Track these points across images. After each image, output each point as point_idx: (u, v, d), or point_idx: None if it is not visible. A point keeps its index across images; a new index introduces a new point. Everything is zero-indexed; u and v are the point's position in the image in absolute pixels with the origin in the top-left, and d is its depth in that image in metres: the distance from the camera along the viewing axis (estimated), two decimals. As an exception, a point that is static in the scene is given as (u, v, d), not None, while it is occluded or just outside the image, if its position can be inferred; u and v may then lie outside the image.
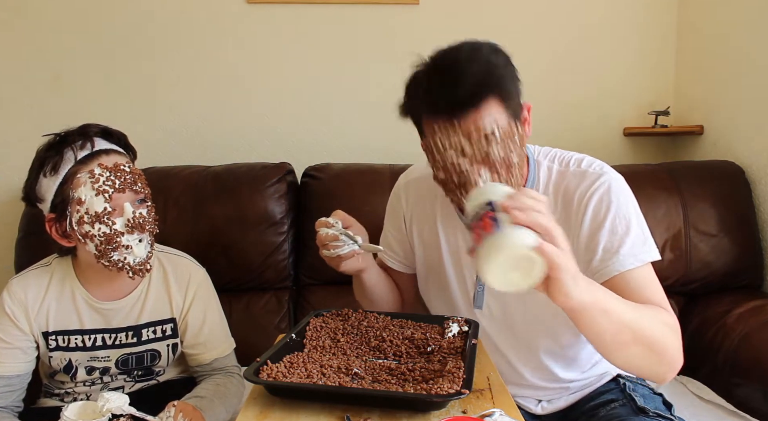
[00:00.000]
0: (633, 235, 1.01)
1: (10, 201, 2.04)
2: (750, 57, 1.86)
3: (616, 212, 1.01)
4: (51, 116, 2.05)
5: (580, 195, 1.04)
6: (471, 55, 0.95)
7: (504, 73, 0.96)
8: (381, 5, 2.12)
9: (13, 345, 1.18)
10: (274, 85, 2.13)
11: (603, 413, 1.12)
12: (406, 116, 1.05)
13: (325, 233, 1.03)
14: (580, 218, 1.03)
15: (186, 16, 2.08)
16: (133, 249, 1.12)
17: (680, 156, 2.18)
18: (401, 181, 1.27)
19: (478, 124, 0.94)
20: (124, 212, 1.11)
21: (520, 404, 1.20)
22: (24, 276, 1.23)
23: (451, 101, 0.94)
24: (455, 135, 0.95)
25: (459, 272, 1.17)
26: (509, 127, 0.96)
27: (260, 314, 1.78)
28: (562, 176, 1.07)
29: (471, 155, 0.95)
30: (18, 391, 1.21)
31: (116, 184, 1.10)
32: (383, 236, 1.30)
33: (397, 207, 1.26)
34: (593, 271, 1.01)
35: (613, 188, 1.03)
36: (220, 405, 1.20)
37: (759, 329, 1.54)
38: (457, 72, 0.93)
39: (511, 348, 1.17)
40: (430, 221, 1.19)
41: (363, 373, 0.90)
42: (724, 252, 1.76)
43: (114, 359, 1.23)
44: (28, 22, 2.04)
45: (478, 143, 0.94)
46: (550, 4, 2.14)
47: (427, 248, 1.21)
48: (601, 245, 1.01)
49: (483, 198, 0.79)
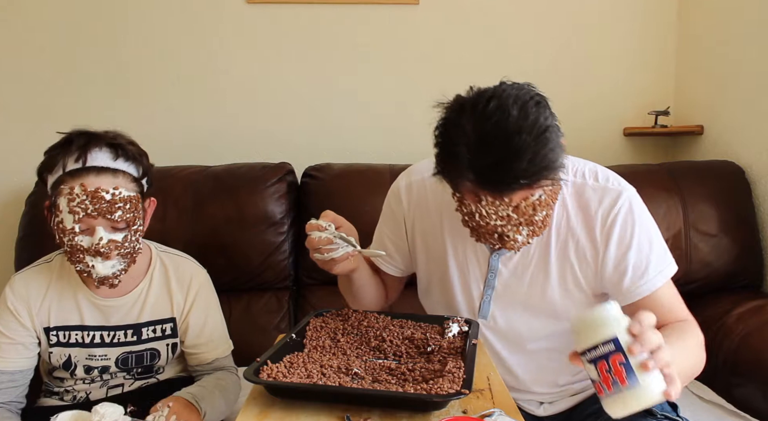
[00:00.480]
0: (656, 250, 1.04)
1: (10, 201, 2.04)
2: (750, 57, 1.86)
3: (640, 230, 1.03)
4: (51, 117, 2.05)
5: (603, 214, 1.04)
6: (518, 121, 0.86)
7: (555, 145, 0.88)
8: (381, 5, 2.12)
9: (15, 341, 1.19)
10: (274, 85, 2.13)
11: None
12: (440, 175, 0.96)
13: (317, 236, 1.01)
14: (605, 239, 1.04)
15: (186, 16, 2.08)
16: (95, 267, 1.10)
17: (680, 156, 2.19)
18: (401, 181, 1.21)
19: (528, 198, 0.92)
20: (94, 233, 1.09)
21: (522, 406, 1.20)
22: (26, 272, 1.24)
23: (504, 183, 0.89)
24: (503, 208, 0.92)
25: (465, 284, 1.15)
26: (554, 188, 0.96)
27: (260, 314, 1.78)
28: (581, 189, 1.07)
29: (517, 222, 0.94)
30: (21, 386, 1.21)
31: (89, 209, 1.07)
32: (378, 238, 1.26)
33: (397, 210, 1.21)
34: (624, 292, 1.04)
35: (634, 207, 1.04)
36: (220, 397, 1.21)
37: (759, 329, 1.54)
38: (509, 150, 0.85)
39: (513, 357, 1.16)
40: (435, 231, 1.16)
41: (363, 373, 0.90)
42: (724, 252, 1.76)
43: (114, 358, 1.23)
44: (28, 22, 2.04)
45: (525, 213, 0.93)
46: (550, 4, 2.14)
47: (432, 258, 1.19)
48: (630, 265, 1.03)
49: (607, 332, 0.75)
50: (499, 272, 1.11)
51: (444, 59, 2.14)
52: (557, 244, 1.07)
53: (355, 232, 1.08)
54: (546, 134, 0.87)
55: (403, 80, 2.15)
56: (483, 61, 2.11)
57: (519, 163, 0.85)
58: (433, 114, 0.96)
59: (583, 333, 0.77)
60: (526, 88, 0.92)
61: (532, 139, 0.85)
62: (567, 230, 1.07)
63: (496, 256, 1.11)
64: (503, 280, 1.11)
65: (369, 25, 2.12)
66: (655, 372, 0.73)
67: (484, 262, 1.12)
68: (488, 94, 0.89)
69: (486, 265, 1.12)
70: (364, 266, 1.19)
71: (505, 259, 1.11)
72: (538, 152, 0.86)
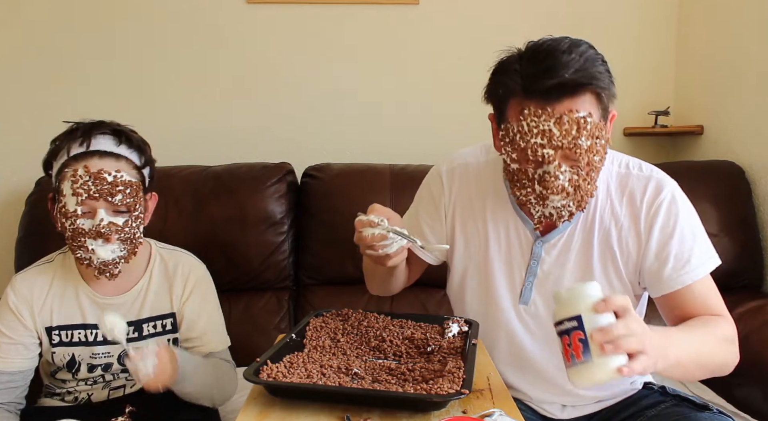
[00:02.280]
0: (699, 241, 1.05)
1: (10, 201, 2.04)
2: (750, 57, 1.86)
3: (684, 220, 1.04)
4: (51, 117, 2.04)
5: (648, 202, 1.05)
6: (571, 46, 0.93)
7: (602, 70, 0.94)
8: (381, 5, 2.12)
9: (15, 341, 1.19)
10: (274, 85, 2.13)
11: (653, 413, 1.11)
12: (489, 101, 1.01)
13: (370, 233, 0.95)
14: (648, 226, 1.05)
15: (186, 16, 2.09)
16: (96, 251, 1.11)
17: (680, 156, 2.19)
18: (443, 167, 1.19)
19: (571, 111, 0.92)
20: (95, 215, 1.11)
21: (544, 408, 1.18)
22: (28, 272, 1.24)
23: (549, 85, 0.91)
24: (546, 119, 0.92)
25: (509, 268, 1.14)
26: (600, 123, 0.95)
27: (260, 314, 1.78)
28: (626, 179, 1.08)
29: (558, 144, 0.92)
30: (21, 387, 1.21)
31: (91, 190, 1.10)
32: (413, 223, 1.21)
33: (437, 194, 1.19)
34: (664, 280, 1.04)
35: (678, 197, 1.06)
36: (211, 374, 1.20)
37: (759, 329, 1.54)
38: (557, 58, 0.92)
39: (548, 348, 1.14)
40: (476, 215, 1.15)
41: (363, 373, 0.90)
42: (724, 252, 1.74)
43: (116, 355, 1.23)
44: (28, 22, 2.05)
45: (568, 130, 0.92)
46: (549, 4, 2.14)
47: (471, 243, 1.16)
48: (672, 254, 1.03)
49: (572, 310, 0.80)
50: (542, 259, 1.11)
51: (444, 59, 2.14)
52: (600, 232, 1.08)
53: (401, 220, 1.03)
54: (596, 58, 0.94)
55: (403, 80, 2.15)
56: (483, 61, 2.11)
57: (565, 70, 0.90)
58: (432, 114, 0.98)
59: (556, 307, 0.82)
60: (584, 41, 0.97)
61: (581, 57, 0.92)
62: (611, 217, 1.07)
63: (540, 243, 1.10)
64: (545, 267, 1.11)
65: (369, 25, 2.12)
66: (611, 356, 0.77)
67: (528, 248, 1.12)
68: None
69: (529, 251, 1.11)
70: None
71: (548, 246, 1.10)
72: (585, 67, 0.92)
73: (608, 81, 0.95)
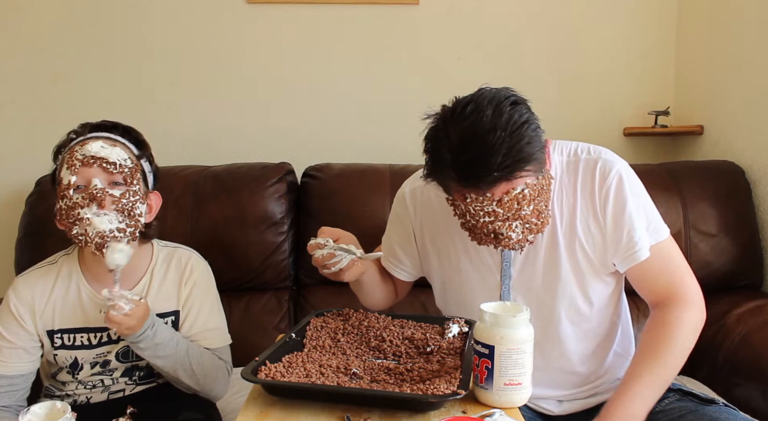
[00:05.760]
0: (649, 216, 1.11)
1: (10, 201, 2.04)
2: (750, 57, 1.86)
3: (632, 199, 1.08)
4: (51, 117, 2.05)
5: (599, 185, 1.09)
6: (493, 119, 0.92)
7: (530, 139, 0.94)
8: (381, 5, 2.12)
9: (16, 345, 1.18)
10: (273, 85, 2.13)
11: (658, 408, 1.11)
12: (430, 180, 1.03)
13: (320, 254, 1.06)
14: (603, 207, 1.09)
15: (186, 16, 2.08)
16: (91, 221, 1.09)
17: (680, 156, 2.18)
18: (406, 188, 1.25)
19: (509, 192, 0.96)
20: (90, 185, 1.10)
21: (540, 405, 1.19)
22: (30, 275, 1.23)
23: (482, 178, 0.93)
24: (489, 203, 0.96)
25: (483, 275, 1.16)
26: (538, 183, 0.98)
27: (260, 314, 1.78)
28: (575, 166, 1.11)
29: (505, 217, 0.97)
30: (22, 391, 1.21)
31: (85, 158, 1.11)
32: (386, 243, 1.29)
33: (403, 216, 1.24)
34: (624, 256, 1.09)
35: (624, 177, 1.09)
36: (196, 355, 1.20)
37: (759, 329, 1.54)
38: (484, 143, 0.91)
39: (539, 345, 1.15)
40: (444, 231, 1.18)
41: (362, 373, 0.90)
42: (724, 252, 1.76)
43: (114, 352, 1.22)
44: (27, 22, 2.05)
45: (510, 206, 0.96)
46: (549, 4, 2.14)
47: (444, 258, 1.20)
48: (625, 230, 1.08)
49: (488, 338, 0.88)
50: (513, 259, 1.13)
51: (444, 59, 2.14)
52: (562, 223, 1.10)
53: (353, 239, 1.12)
54: (520, 130, 0.93)
55: (403, 80, 2.15)
56: (483, 61, 2.12)
57: (494, 157, 0.91)
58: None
59: (479, 323, 0.89)
60: (504, 90, 0.98)
61: (506, 134, 0.91)
62: (570, 207, 1.10)
63: None
64: (518, 266, 1.13)
65: (369, 25, 2.12)
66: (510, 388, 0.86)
67: (497, 252, 1.14)
68: (466, 100, 0.97)
69: (499, 255, 1.14)
70: (372, 268, 1.22)
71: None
72: (513, 147, 0.91)
73: (537, 147, 0.95)
